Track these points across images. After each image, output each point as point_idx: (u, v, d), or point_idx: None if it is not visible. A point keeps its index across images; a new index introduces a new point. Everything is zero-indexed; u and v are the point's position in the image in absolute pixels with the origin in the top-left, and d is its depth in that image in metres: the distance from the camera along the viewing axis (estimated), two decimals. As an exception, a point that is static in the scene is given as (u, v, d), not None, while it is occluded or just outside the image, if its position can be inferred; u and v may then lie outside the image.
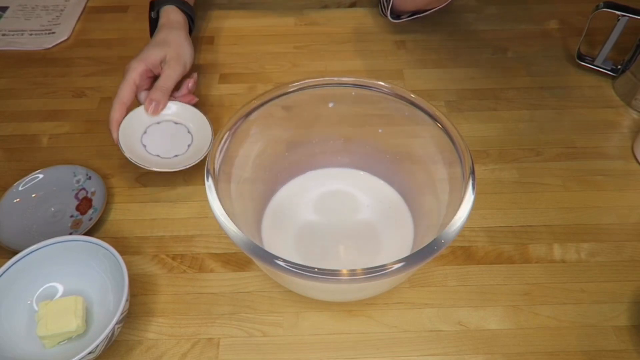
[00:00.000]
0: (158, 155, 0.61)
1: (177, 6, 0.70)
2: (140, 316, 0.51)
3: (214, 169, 0.45)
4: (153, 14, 0.71)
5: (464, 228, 0.41)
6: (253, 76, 0.76)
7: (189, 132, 0.63)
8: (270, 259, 0.39)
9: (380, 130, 0.56)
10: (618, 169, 0.63)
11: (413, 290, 0.53)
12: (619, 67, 0.72)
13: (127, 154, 0.58)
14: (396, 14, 0.81)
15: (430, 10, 0.80)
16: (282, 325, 0.50)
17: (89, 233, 0.56)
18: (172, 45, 0.65)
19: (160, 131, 0.63)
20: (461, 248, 0.56)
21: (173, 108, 0.64)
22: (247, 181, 0.53)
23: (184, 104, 0.65)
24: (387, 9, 0.79)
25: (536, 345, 0.49)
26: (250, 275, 0.54)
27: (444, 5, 0.79)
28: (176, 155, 0.61)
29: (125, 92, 0.61)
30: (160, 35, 0.67)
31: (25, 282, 0.50)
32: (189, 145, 0.62)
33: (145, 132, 0.62)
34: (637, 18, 0.66)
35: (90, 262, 0.50)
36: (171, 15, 0.70)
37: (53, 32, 0.84)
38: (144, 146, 0.61)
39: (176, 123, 0.64)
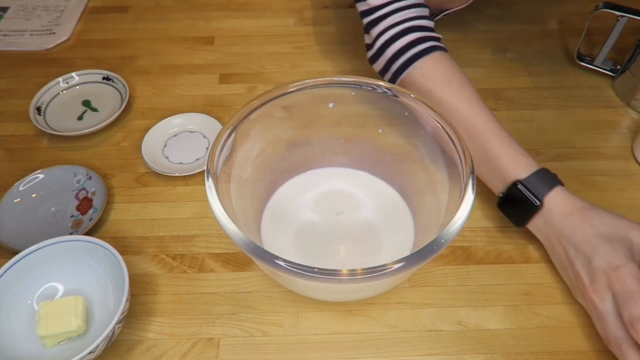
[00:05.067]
0: (181, 163, 0.65)
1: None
2: (140, 316, 0.51)
3: (214, 169, 0.45)
4: (537, 203, 0.51)
5: (464, 228, 0.42)
6: (253, 76, 0.76)
7: (204, 137, 0.67)
8: (270, 259, 0.40)
9: (380, 130, 0.56)
10: (618, 169, 0.63)
11: (413, 290, 0.53)
12: (619, 67, 0.72)
13: (153, 166, 0.63)
14: None
15: (451, 9, 0.78)
16: (282, 325, 0.51)
17: (89, 233, 0.56)
18: None
19: (178, 142, 0.67)
20: (461, 248, 0.56)
21: (182, 119, 0.69)
22: (247, 181, 0.53)
23: (192, 114, 0.69)
24: None
25: (536, 345, 0.49)
26: (250, 275, 0.54)
27: (465, 4, 0.77)
28: (197, 159, 0.65)
29: None
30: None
31: (25, 282, 0.50)
32: (207, 148, 0.66)
33: (165, 146, 0.66)
34: (636, 18, 0.66)
35: (91, 262, 0.51)
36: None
37: (53, 33, 0.84)
38: (167, 157, 0.65)
39: (191, 132, 0.68)
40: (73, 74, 0.74)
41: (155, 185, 0.63)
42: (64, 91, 0.73)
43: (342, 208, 0.57)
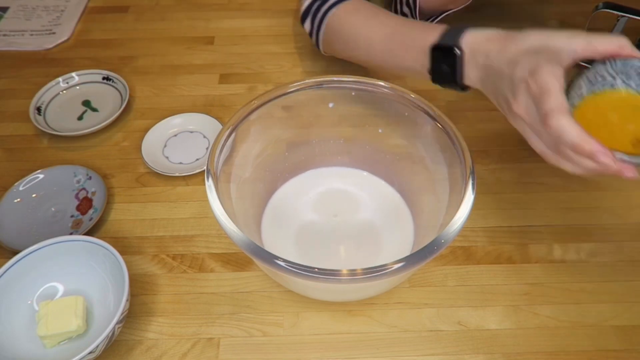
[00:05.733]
0: (181, 163, 0.64)
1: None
2: (140, 316, 0.51)
3: (214, 169, 0.45)
4: (457, 51, 0.49)
5: (464, 228, 0.41)
6: (253, 76, 0.76)
7: (204, 137, 0.67)
8: (270, 259, 0.40)
9: (380, 130, 0.56)
10: (618, 169, 0.63)
11: (413, 290, 0.53)
12: (619, 67, 0.72)
13: (153, 166, 0.63)
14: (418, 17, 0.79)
15: (454, 9, 0.77)
16: (282, 325, 0.51)
17: (89, 233, 0.56)
18: None
19: (178, 142, 0.67)
20: (461, 248, 0.56)
21: (182, 119, 0.69)
22: (247, 181, 0.53)
23: (192, 114, 0.69)
24: (415, 8, 0.77)
25: (536, 345, 0.49)
26: (250, 275, 0.54)
27: (467, 3, 0.76)
28: (197, 159, 0.65)
29: (561, 99, 0.39)
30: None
31: (25, 282, 0.50)
32: (207, 148, 0.66)
33: (165, 146, 0.66)
34: (636, 18, 0.66)
35: (91, 262, 0.51)
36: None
37: (53, 33, 0.84)
38: (167, 157, 0.65)
39: (191, 132, 0.68)
40: (73, 74, 0.74)
41: (155, 185, 0.63)
42: (64, 91, 0.73)
43: (342, 208, 0.57)
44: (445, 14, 0.78)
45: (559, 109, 0.38)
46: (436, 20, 0.78)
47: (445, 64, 0.51)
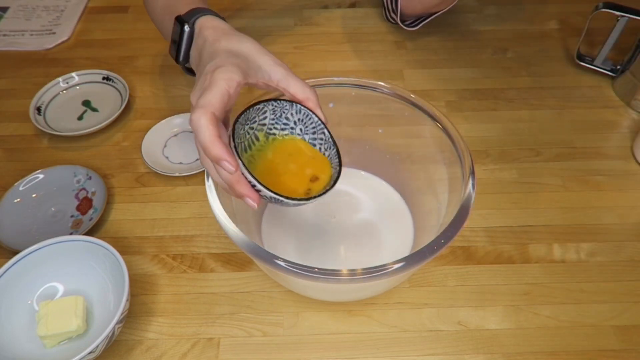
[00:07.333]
0: (181, 163, 0.64)
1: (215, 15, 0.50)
2: (140, 316, 0.51)
3: (214, 169, 0.45)
4: (187, 27, 0.49)
5: (464, 228, 0.41)
6: (253, 76, 0.76)
7: None
8: (270, 259, 0.40)
9: (380, 130, 0.56)
10: (618, 169, 0.63)
11: (413, 290, 0.53)
12: (619, 67, 0.72)
13: (153, 166, 0.62)
14: (403, 19, 0.80)
15: (438, 12, 0.78)
16: (282, 325, 0.51)
17: (89, 233, 0.56)
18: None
19: (178, 142, 0.67)
20: (461, 248, 0.56)
21: (182, 119, 0.68)
22: (247, 181, 0.53)
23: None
24: (397, 14, 0.77)
25: (536, 345, 0.49)
26: (250, 275, 0.54)
27: (451, 5, 0.77)
28: (197, 159, 0.65)
29: (214, 100, 0.39)
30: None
31: (25, 282, 0.50)
32: None
33: (165, 146, 0.66)
34: (636, 18, 0.66)
35: (91, 262, 0.51)
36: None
37: (53, 33, 0.84)
38: (167, 157, 0.65)
39: (191, 132, 0.67)
40: (73, 74, 0.74)
41: (155, 185, 0.63)
42: (64, 91, 0.73)
43: (342, 208, 0.57)
44: (433, 16, 0.78)
45: (205, 107, 0.38)
46: (424, 23, 0.79)
47: (179, 38, 0.50)
